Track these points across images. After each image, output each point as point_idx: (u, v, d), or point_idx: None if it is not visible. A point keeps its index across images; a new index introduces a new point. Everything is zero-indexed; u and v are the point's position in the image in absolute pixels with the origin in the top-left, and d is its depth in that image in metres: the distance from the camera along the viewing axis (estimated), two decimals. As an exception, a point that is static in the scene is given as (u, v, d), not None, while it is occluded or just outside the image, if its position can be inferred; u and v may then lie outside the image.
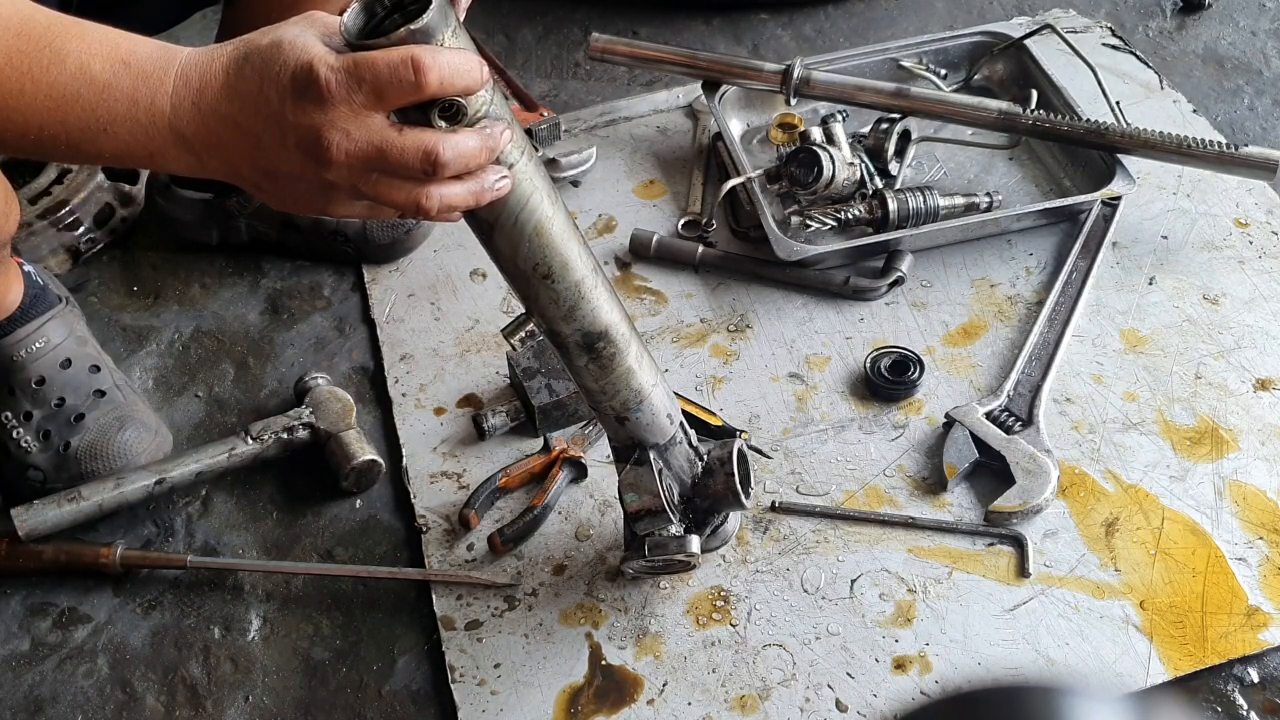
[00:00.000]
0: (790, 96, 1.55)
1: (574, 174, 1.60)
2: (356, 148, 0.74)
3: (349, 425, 1.29)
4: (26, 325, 1.29)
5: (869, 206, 1.46)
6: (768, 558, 1.18)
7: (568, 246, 0.89)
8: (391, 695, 1.12)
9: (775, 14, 1.91)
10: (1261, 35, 1.82)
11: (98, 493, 1.22)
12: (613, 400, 1.00)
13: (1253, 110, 1.69)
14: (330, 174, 0.75)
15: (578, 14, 1.93)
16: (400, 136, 0.74)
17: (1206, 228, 1.49)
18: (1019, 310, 1.40)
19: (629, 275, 1.49)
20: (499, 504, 1.25)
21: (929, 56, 1.67)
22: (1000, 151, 1.57)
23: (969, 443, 1.23)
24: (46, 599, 1.22)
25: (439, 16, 0.73)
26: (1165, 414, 1.28)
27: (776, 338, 1.39)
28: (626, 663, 1.12)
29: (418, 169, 0.75)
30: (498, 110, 0.79)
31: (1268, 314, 1.38)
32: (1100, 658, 1.09)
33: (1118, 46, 1.78)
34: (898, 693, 1.08)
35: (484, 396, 1.35)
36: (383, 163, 0.75)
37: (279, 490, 1.29)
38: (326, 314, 1.48)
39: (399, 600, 1.19)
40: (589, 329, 0.94)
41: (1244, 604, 1.11)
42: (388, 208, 0.80)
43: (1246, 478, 1.22)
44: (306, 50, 0.73)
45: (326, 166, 0.75)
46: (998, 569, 1.16)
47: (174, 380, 1.42)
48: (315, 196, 0.79)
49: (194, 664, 1.16)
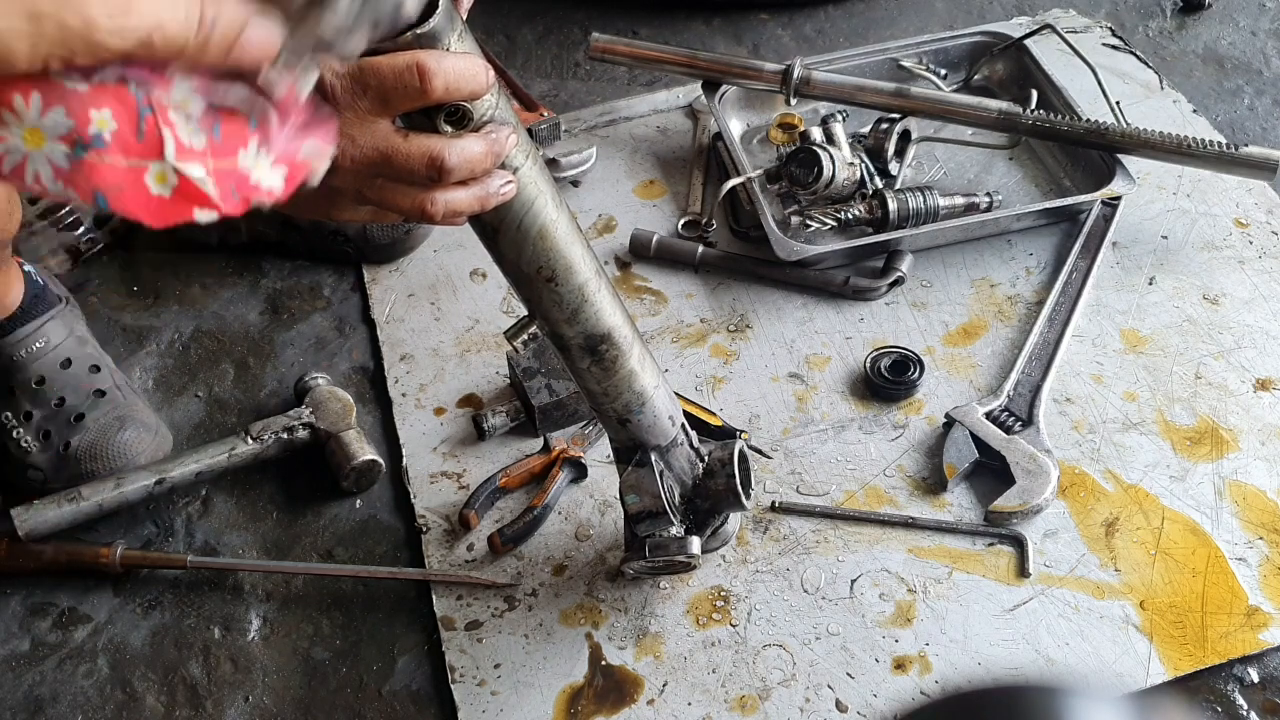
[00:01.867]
0: (790, 96, 1.55)
1: (574, 174, 1.60)
2: (362, 154, 0.74)
3: (349, 425, 1.29)
4: (27, 325, 1.29)
5: (869, 206, 1.46)
6: (768, 558, 1.18)
7: (571, 250, 0.89)
8: (391, 695, 1.12)
9: (775, 14, 1.91)
10: (1261, 35, 1.82)
11: (98, 493, 1.23)
12: (615, 403, 1.00)
13: (1253, 110, 1.69)
14: (335, 180, 0.75)
15: (578, 14, 1.93)
16: (405, 142, 0.74)
17: (1206, 228, 1.49)
18: (1019, 310, 1.40)
19: (629, 275, 1.49)
20: (499, 504, 1.25)
21: (929, 56, 1.67)
22: (1000, 151, 1.57)
23: (969, 443, 1.23)
24: (46, 599, 1.22)
25: (445, 20, 0.72)
26: (1165, 414, 1.28)
27: (776, 338, 1.39)
28: (626, 663, 1.12)
29: (423, 175, 0.75)
30: (502, 114, 0.78)
31: (1268, 314, 1.38)
32: (1100, 658, 1.09)
33: (1118, 46, 1.78)
34: (898, 693, 1.08)
35: (484, 396, 1.35)
36: (388, 168, 0.75)
37: (279, 490, 1.29)
38: (326, 314, 1.48)
39: (399, 600, 1.19)
40: (592, 332, 0.94)
41: (1244, 604, 1.11)
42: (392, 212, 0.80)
43: (1246, 478, 1.22)
44: None
45: (331, 172, 0.74)
46: (998, 569, 1.16)
47: (174, 380, 1.42)
48: (320, 201, 0.79)
49: (194, 664, 1.16)
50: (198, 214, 0.59)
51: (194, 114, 0.60)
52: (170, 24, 0.56)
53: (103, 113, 0.56)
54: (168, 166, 0.58)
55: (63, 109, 0.55)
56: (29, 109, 0.55)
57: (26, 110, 0.55)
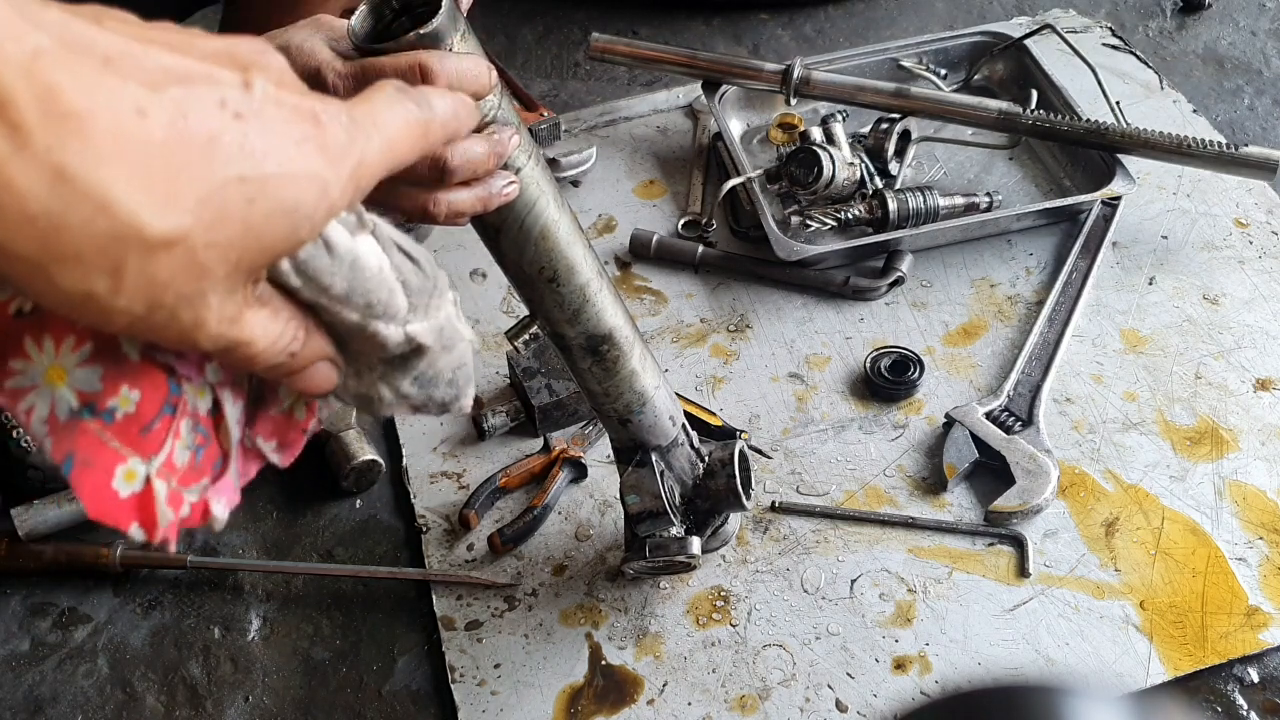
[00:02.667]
0: (790, 96, 1.55)
1: (574, 174, 1.60)
2: None
3: (349, 425, 1.29)
4: (26, 325, 1.29)
5: (869, 206, 1.46)
6: (768, 558, 1.18)
7: (573, 250, 0.89)
8: (391, 695, 1.12)
9: (775, 14, 1.91)
10: (1261, 35, 1.82)
11: (98, 493, 1.22)
12: (616, 403, 1.00)
13: (1253, 110, 1.69)
14: None
15: (578, 14, 1.93)
16: None
17: (1206, 228, 1.49)
18: (1019, 310, 1.40)
19: (629, 275, 1.49)
20: (499, 504, 1.25)
21: (929, 56, 1.67)
22: (1000, 151, 1.57)
23: (969, 443, 1.23)
24: (46, 599, 1.22)
25: (448, 20, 0.72)
26: (1165, 414, 1.28)
27: (776, 338, 1.39)
28: (626, 663, 1.12)
29: (425, 175, 0.75)
30: (505, 115, 0.78)
31: (1268, 314, 1.38)
32: (1100, 658, 1.09)
33: (1118, 46, 1.78)
34: (898, 693, 1.08)
35: (484, 396, 1.35)
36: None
37: (279, 490, 1.29)
38: (326, 314, 1.48)
39: (399, 600, 1.19)
40: (593, 332, 0.94)
41: (1244, 604, 1.11)
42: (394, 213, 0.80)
43: (1246, 478, 1.22)
44: (314, 55, 0.73)
45: None
46: (998, 569, 1.16)
47: (174, 380, 1.42)
48: None
49: (194, 664, 1.16)
50: (132, 528, 0.54)
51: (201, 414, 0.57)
52: (262, 342, 0.51)
53: (132, 394, 0.52)
54: (145, 470, 0.54)
55: (100, 372, 0.51)
56: (73, 354, 0.51)
57: (70, 354, 0.51)
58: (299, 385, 0.57)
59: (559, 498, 1.25)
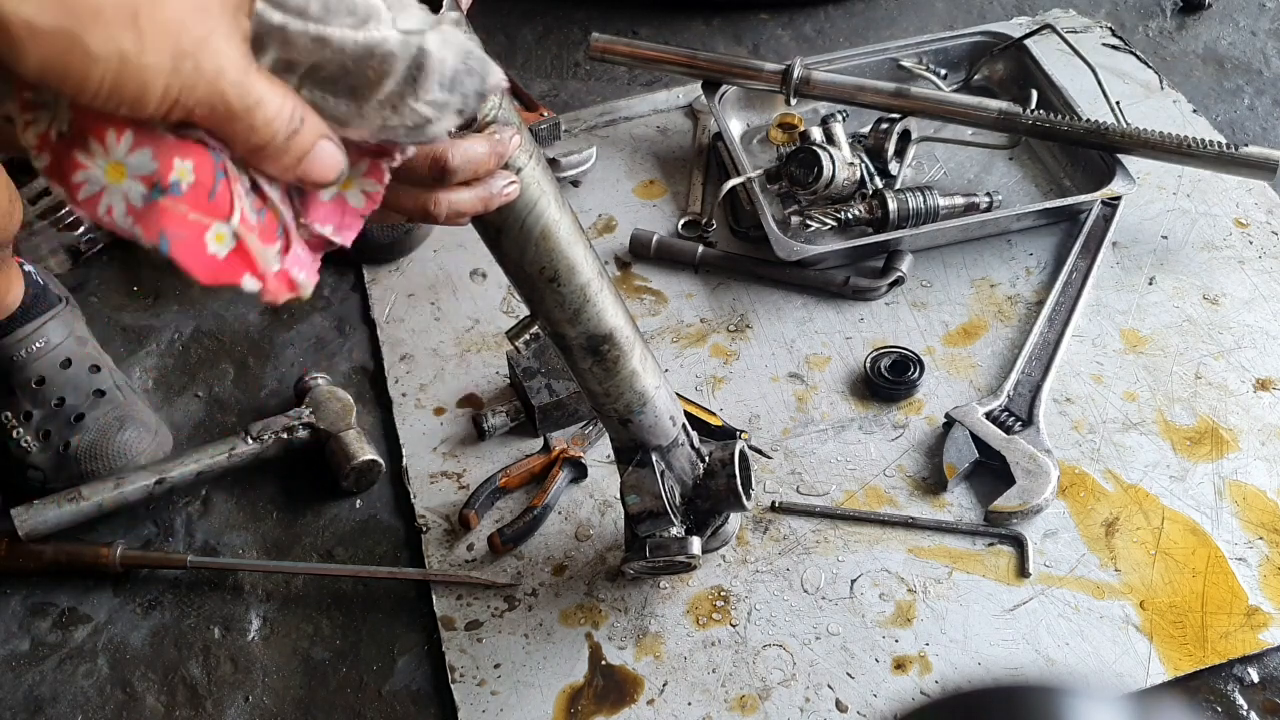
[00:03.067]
0: (790, 96, 1.55)
1: (574, 174, 1.60)
2: None
3: (349, 425, 1.29)
4: (27, 325, 1.29)
5: (869, 206, 1.46)
6: (768, 558, 1.18)
7: (574, 250, 0.89)
8: (391, 695, 1.12)
9: (775, 14, 1.91)
10: (1261, 35, 1.82)
11: (98, 493, 1.23)
12: (616, 403, 1.00)
13: (1253, 110, 1.69)
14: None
15: (578, 14, 1.93)
16: None
17: (1206, 228, 1.49)
18: (1019, 310, 1.40)
19: (629, 275, 1.49)
20: (499, 504, 1.25)
21: (929, 56, 1.67)
22: (1000, 151, 1.57)
23: (969, 443, 1.24)
24: (46, 599, 1.22)
25: None
26: (1165, 414, 1.28)
27: (776, 338, 1.39)
28: (626, 663, 1.12)
29: (426, 175, 0.75)
30: (506, 115, 0.78)
31: (1268, 314, 1.38)
32: (1100, 658, 1.09)
33: (1118, 46, 1.78)
34: (898, 693, 1.08)
35: (484, 396, 1.35)
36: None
37: (279, 490, 1.29)
38: (326, 314, 1.48)
39: (399, 600, 1.19)
40: (594, 332, 0.94)
41: (1244, 604, 1.11)
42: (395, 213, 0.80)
43: (1246, 478, 1.22)
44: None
45: None
46: (998, 569, 1.16)
47: (174, 380, 1.42)
48: None
49: (194, 664, 1.16)
50: (246, 280, 0.61)
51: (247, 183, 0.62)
52: (271, 107, 0.57)
53: (186, 163, 0.57)
54: (229, 229, 0.59)
55: (150, 151, 0.56)
56: (119, 145, 0.55)
57: (116, 146, 0.55)
58: (311, 171, 0.61)
59: (559, 498, 1.25)
